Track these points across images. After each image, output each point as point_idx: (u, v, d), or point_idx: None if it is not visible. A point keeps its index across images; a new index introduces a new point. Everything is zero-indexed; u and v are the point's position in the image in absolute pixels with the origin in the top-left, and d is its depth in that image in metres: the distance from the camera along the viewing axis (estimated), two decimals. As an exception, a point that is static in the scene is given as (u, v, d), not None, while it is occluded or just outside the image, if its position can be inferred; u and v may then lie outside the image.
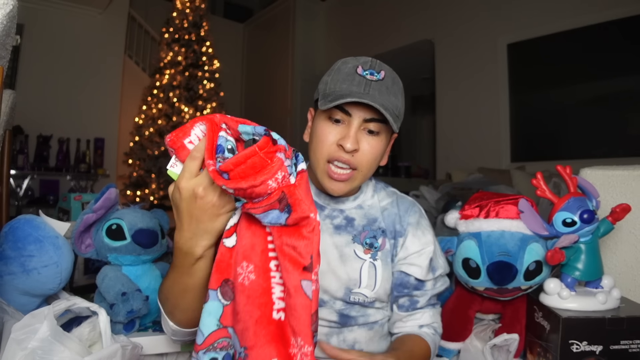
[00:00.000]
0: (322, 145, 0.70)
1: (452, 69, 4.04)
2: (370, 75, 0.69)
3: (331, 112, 0.70)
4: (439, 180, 3.54)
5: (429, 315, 0.81)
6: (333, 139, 0.70)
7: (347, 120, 0.69)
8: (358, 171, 0.71)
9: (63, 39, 4.14)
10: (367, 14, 4.85)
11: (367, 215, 0.80)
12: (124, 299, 0.84)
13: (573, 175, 0.82)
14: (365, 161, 0.71)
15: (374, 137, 0.71)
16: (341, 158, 0.69)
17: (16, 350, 0.55)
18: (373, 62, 0.72)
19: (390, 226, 0.80)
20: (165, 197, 4.17)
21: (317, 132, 0.72)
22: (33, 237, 0.80)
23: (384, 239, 0.78)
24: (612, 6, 2.95)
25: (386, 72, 0.71)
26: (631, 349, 0.69)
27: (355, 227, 0.78)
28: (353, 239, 0.77)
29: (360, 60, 0.71)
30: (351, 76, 0.69)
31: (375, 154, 0.72)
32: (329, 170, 0.70)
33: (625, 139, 2.97)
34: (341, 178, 0.70)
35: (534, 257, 0.79)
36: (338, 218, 0.78)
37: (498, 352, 0.84)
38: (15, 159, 3.71)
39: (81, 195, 1.30)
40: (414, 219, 0.81)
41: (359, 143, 0.69)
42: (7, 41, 0.77)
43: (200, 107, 4.42)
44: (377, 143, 0.71)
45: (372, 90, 0.68)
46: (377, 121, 0.69)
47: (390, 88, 0.70)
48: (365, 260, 0.76)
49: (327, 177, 0.71)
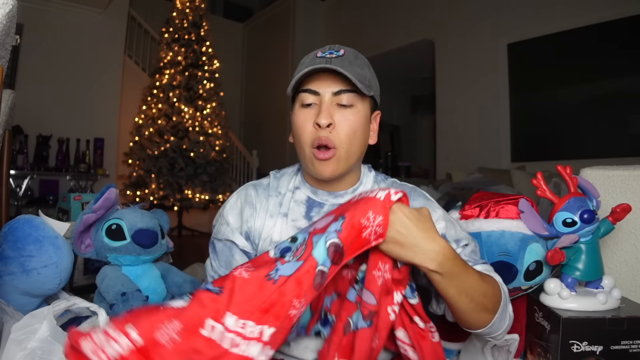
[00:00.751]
0: (302, 132, 0.71)
1: (452, 69, 4.04)
2: (329, 55, 0.69)
3: (302, 99, 0.71)
4: (439, 180, 3.55)
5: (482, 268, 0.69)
6: (310, 122, 0.70)
7: (318, 100, 0.70)
8: (340, 149, 0.69)
9: (63, 38, 4.14)
10: (367, 14, 4.85)
11: None
12: (124, 298, 0.84)
13: (573, 175, 0.82)
14: (344, 136, 0.69)
15: (348, 110, 0.70)
16: (321, 138, 0.68)
17: (16, 351, 0.55)
18: (332, 46, 0.72)
19: None
20: (165, 197, 4.17)
21: (295, 123, 0.72)
22: (33, 237, 0.80)
23: None
24: (612, 6, 2.95)
25: (347, 50, 0.71)
26: (631, 349, 0.69)
27: None
28: None
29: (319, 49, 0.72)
30: (312, 61, 0.70)
31: (353, 127, 0.70)
32: (315, 153, 0.70)
33: (626, 139, 2.97)
34: (326, 156, 0.69)
35: (534, 257, 0.79)
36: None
37: (498, 352, 0.84)
38: (15, 159, 3.71)
39: (81, 196, 1.30)
40: (418, 203, 0.77)
41: (333, 117, 0.69)
42: (7, 41, 0.77)
43: (200, 107, 4.41)
44: (353, 116, 0.70)
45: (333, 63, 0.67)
46: (348, 92, 0.69)
47: (353, 62, 0.70)
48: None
49: (315, 161, 0.70)
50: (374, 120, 0.78)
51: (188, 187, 4.22)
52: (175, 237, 4.18)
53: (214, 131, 4.45)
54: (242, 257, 0.73)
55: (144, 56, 4.91)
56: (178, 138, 4.24)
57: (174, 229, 4.24)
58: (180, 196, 4.20)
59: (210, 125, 4.44)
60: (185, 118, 4.28)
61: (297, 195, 0.78)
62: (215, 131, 4.47)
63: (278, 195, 0.78)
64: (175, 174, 4.20)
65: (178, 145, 4.21)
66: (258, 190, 0.78)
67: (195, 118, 4.33)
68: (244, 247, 0.74)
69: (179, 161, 4.20)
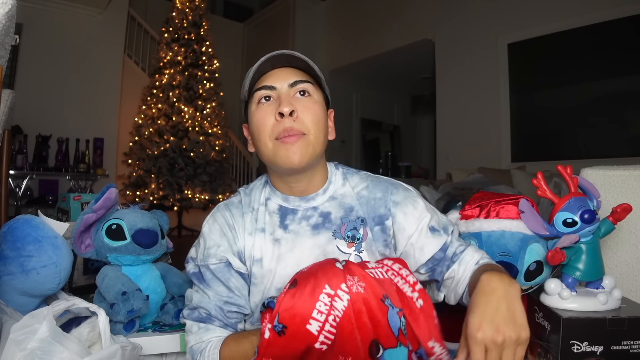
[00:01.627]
0: (263, 127, 0.69)
1: (452, 69, 4.04)
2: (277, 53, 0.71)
3: (258, 96, 0.70)
4: (439, 180, 3.55)
5: (473, 250, 0.74)
6: (271, 115, 0.68)
7: (274, 93, 0.70)
8: (308, 135, 0.68)
9: (62, 38, 4.13)
10: (367, 14, 4.84)
11: (342, 205, 0.75)
12: (124, 298, 0.83)
13: (574, 175, 0.82)
14: (309, 122, 0.69)
15: (307, 99, 0.70)
16: (286, 128, 0.67)
17: (15, 351, 0.54)
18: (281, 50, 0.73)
19: (370, 212, 0.74)
20: (165, 197, 4.17)
21: (254, 121, 0.71)
22: (32, 237, 0.80)
23: (365, 228, 0.73)
24: (612, 6, 2.95)
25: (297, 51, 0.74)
26: (632, 350, 0.69)
27: (333, 221, 0.74)
28: (334, 235, 0.73)
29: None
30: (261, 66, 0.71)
31: (316, 115, 0.70)
32: (281, 140, 0.67)
33: (626, 139, 2.97)
34: (293, 139, 0.67)
35: (535, 257, 0.79)
36: (313, 217, 0.74)
37: (498, 352, 0.84)
38: (14, 159, 3.70)
39: (80, 196, 1.30)
40: (399, 197, 0.75)
41: (294, 105, 0.68)
42: (6, 40, 0.77)
43: (200, 106, 4.41)
44: (314, 104, 0.70)
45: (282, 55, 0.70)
46: (304, 82, 0.70)
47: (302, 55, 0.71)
48: (351, 254, 0.73)
49: (282, 147, 0.67)
50: (329, 117, 0.78)
51: (188, 187, 4.21)
52: (175, 237, 4.18)
53: (213, 131, 4.45)
54: (238, 279, 0.72)
55: (144, 56, 4.91)
56: (178, 138, 4.24)
57: (173, 229, 4.23)
58: (180, 196, 4.20)
59: (210, 125, 4.43)
60: (185, 118, 4.28)
61: (269, 206, 0.76)
62: (215, 131, 4.47)
63: (252, 211, 0.76)
64: (175, 174, 4.19)
65: (178, 145, 4.21)
66: (232, 210, 0.76)
67: (195, 118, 4.33)
68: (239, 269, 0.72)
69: (178, 161, 4.20)
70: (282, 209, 0.75)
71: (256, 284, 0.72)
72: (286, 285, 0.58)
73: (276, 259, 0.72)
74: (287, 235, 0.73)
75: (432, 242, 0.73)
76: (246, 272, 0.73)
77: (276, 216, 0.75)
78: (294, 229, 0.73)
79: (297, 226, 0.73)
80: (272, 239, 0.73)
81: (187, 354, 0.72)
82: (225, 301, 0.71)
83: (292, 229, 0.73)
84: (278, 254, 0.72)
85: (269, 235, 0.73)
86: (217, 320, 0.70)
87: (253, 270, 0.72)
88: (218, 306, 0.70)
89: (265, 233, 0.73)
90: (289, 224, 0.74)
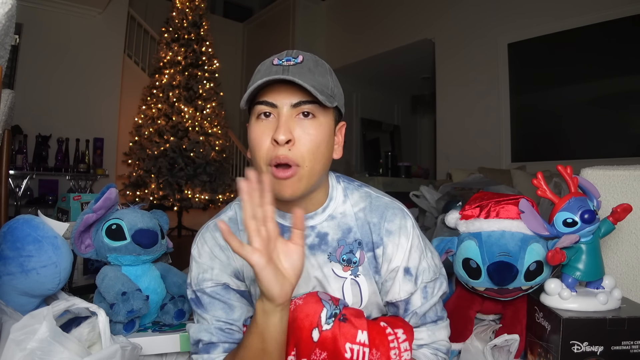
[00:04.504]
0: (258, 148, 0.63)
1: (452, 69, 4.03)
2: (287, 62, 0.63)
3: (258, 111, 0.64)
4: (439, 180, 3.54)
5: (426, 334, 0.72)
6: (267, 137, 0.62)
7: (275, 112, 0.63)
8: (302, 167, 0.62)
9: (62, 38, 4.13)
10: (367, 14, 4.84)
11: (341, 226, 0.72)
12: (124, 298, 0.83)
13: (574, 175, 0.82)
14: (305, 152, 0.62)
15: (309, 122, 0.63)
16: (279, 157, 0.61)
17: (15, 351, 0.54)
18: (289, 52, 0.66)
19: (365, 237, 0.72)
20: (165, 197, 4.17)
21: (251, 137, 0.65)
22: (32, 237, 0.80)
23: (362, 252, 0.71)
24: (612, 6, 2.95)
25: (305, 56, 0.65)
26: (632, 350, 0.69)
27: (330, 243, 0.71)
28: (329, 257, 0.70)
29: (276, 55, 0.66)
30: (267, 69, 0.64)
31: (316, 142, 0.63)
32: (273, 172, 0.62)
33: (626, 139, 2.97)
34: (285, 175, 0.61)
35: (535, 257, 0.79)
36: (310, 237, 0.71)
37: (499, 352, 0.84)
38: (14, 159, 3.70)
39: (80, 196, 1.30)
40: (393, 226, 0.72)
41: (292, 132, 0.61)
42: (6, 40, 0.77)
43: (200, 106, 4.41)
44: (315, 129, 0.63)
45: (290, 73, 0.61)
46: (309, 103, 0.62)
47: (313, 69, 0.64)
48: (347, 279, 0.70)
49: (274, 181, 0.62)
50: (338, 132, 0.71)
51: (188, 187, 4.21)
52: (175, 237, 4.18)
53: (213, 131, 4.45)
54: (240, 299, 0.69)
55: (144, 56, 4.91)
56: (178, 138, 4.24)
57: (173, 229, 4.23)
58: (180, 196, 4.19)
59: (210, 125, 4.43)
60: (185, 118, 4.28)
61: None
62: (215, 131, 4.47)
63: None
64: (175, 174, 4.19)
65: (178, 145, 4.21)
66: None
67: (195, 118, 4.33)
68: (239, 287, 0.70)
69: (178, 161, 4.20)
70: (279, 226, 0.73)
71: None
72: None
73: None
74: None
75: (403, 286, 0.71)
76: (246, 290, 0.71)
77: None
78: None
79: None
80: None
81: None
82: (224, 321, 0.68)
83: None
84: None
85: None
86: (220, 344, 0.68)
87: (251, 290, 0.71)
88: (218, 327, 0.68)
89: None
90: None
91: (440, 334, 0.73)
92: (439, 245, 0.88)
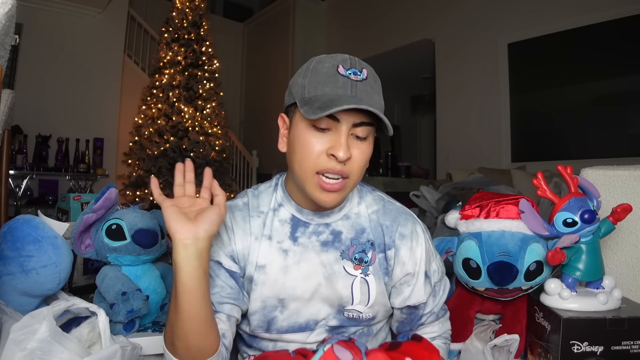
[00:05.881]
0: (309, 156, 0.64)
1: (452, 69, 4.04)
2: (354, 76, 0.63)
3: (316, 120, 0.62)
4: (439, 180, 3.54)
5: (438, 327, 0.80)
6: (321, 148, 0.63)
7: (335, 127, 0.63)
8: (349, 179, 0.66)
9: (62, 38, 4.13)
10: (367, 14, 4.84)
11: (355, 226, 0.75)
12: (124, 298, 0.83)
13: (574, 175, 0.82)
14: (356, 168, 0.65)
15: (362, 142, 0.65)
16: (333, 169, 0.63)
17: (15, 351, 0.54)
18: (352, 60, 0.66)
19: (378, 238, 0.74)
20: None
21: (301, 142, 0.65)
22: (32, 237, 0.80)
23: (373, 252, 0.73)
24: (612, 6, 2.95)
25: (367, 70, 0.66)
26: (632, 350, 0.69)
27: (343, 241, 0.73)
28: (341, 255, 0.72)
29: (337, 59, 0.65)
30: (333, 77, 0.63)
31: (365, 160, 0.67)
32: (320, 182, 0.64)
33: (626, 139, 2.97)
34: (334, 188, 0.64)
35: (535, 257, 0.79)
36: (324, 234, 0.73)
37: (499, 352, 0.84)
38: (14, 159, 3.70)
39: (80, 196, 1.30)
40: (406, 230, 0.75)
41: (351, 149, 0.64)
42: (6, 40, 0.77)
43: (200, 106, 4.41)
44: (367, 148, 0.66)
45: (359, 92, 0.62)
46: (366, 125, 0.64)
47: (373, 87, 0.65)
48: (357, 277, 0.72)
49: (319, 190, 0.65)
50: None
51: (188, 187, 4.21)
52: (175, 237, 4.18)
53: (213, 131, 4.44)
54: (228, 278, 0.70)
55: (144, 56, 4.91)
56: (178, 138, 4.23)
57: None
58: (180, 196, 4.19)
59: (210, 125, 4.43)
60: (185, 118, 4.27)
61: (281, 213, 0.74)
62: (215, 131, 4.47)
63: (260, 215, 0.74)
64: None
65: (178, 145, 4.21)
66: (234, 212, 0.74)
67: (195, 118, 4.32)
68: (230, 267, 0.71)
69: (178, 161, 4.15)
70: (295, 219, 0.73)
71: (256, 290, 0.71)
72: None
73: (283, 269, 0.71)
74: (296, 247, 0.72)
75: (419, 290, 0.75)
76: (237, 272, 0.71)
77: (287, 226, 0.73)
78: (303, 242, 0.72)
79: (306, 240, 0.73)
80: (279, 248, 0.72)
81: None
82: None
83: (301, 242, 0.72)
84: (285, 265, 0.71)
85: (276, 243, 0.72)
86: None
87: (255, 275, 0.71)
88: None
89: (272, 241, 0.72)
90: (299, 236, 0.72)
91: (446, 325, 0.83)
92: (439, 245, 0.88)
